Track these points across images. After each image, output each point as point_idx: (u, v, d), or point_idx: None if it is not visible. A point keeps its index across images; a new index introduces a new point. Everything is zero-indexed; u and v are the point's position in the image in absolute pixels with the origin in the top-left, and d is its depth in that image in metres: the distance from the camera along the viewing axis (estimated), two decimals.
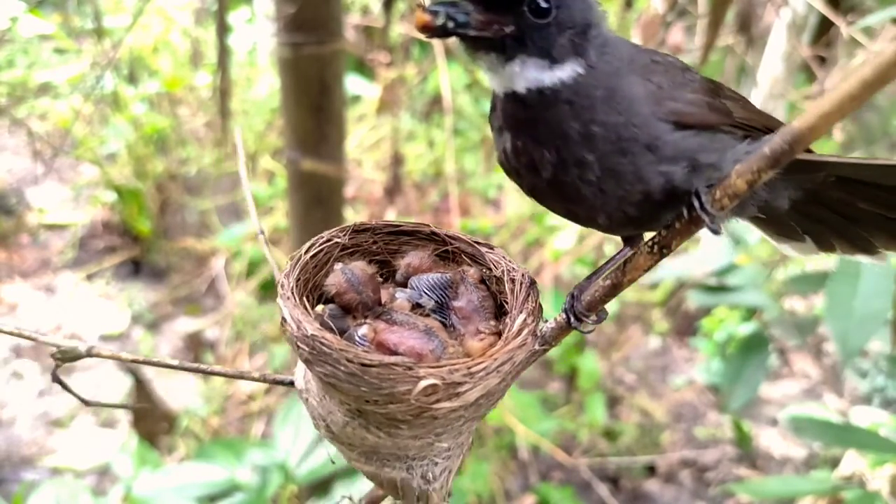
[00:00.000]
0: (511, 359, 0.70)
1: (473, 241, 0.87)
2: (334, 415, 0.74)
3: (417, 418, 0.68)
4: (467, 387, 0.67)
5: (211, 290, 3.99)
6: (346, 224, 0.88)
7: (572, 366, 3.05)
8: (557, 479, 3.07)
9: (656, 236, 0.68)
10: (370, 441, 0.72)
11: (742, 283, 2.02)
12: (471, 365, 0.67)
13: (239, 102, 4.05)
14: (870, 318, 1.54)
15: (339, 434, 0.75)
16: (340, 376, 0.66)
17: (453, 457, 0.77)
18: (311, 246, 0.83)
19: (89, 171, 4.58)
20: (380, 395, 0.66)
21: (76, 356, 0.79)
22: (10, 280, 4.14)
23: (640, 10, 3.36)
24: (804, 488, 1.86)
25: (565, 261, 3.06)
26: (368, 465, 0.76)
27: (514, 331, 0.73)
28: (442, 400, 0.66)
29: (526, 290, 0.79)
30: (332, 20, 1.92)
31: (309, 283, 0.82)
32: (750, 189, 0.59)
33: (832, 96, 0.50)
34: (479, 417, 0.75)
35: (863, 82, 0.48)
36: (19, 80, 3.76)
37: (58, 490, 1.65)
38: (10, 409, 3.27)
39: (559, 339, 0.77)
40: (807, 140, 0.53)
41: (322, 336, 0.68)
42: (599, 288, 0.73)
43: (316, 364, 0.68)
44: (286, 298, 0.73)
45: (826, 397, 3.49)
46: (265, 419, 3.00)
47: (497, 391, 0.72)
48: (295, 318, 0.71)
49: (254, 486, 1.77)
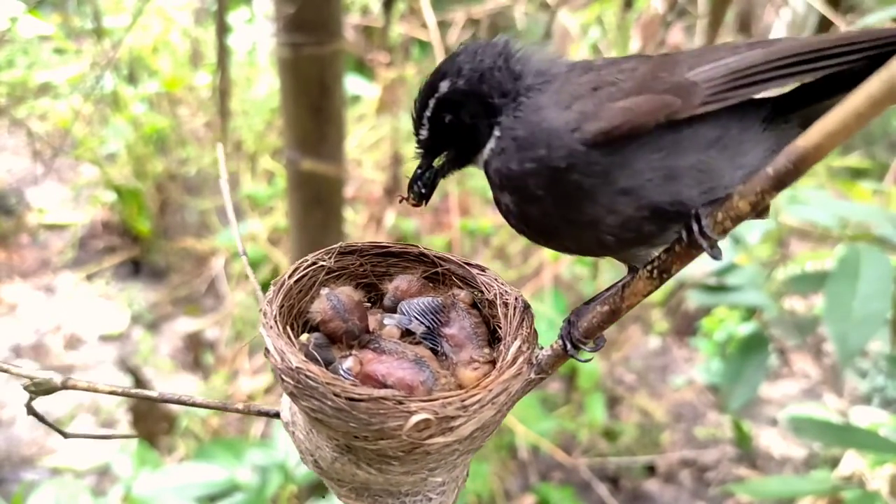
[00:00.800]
0: (506, 389, 0.68)
1: (464, 262, 0.84)
2: (322, 450, 0.71)
3: (410, 454, 0.65)
4: (461, 420, 0.64)
5: (211, 290, 3.99)
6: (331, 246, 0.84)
7: (572, 366, 3.05)
8: (557, 479, 3.07)
9: (655, 260, 0.65)
10: (361, 477, 0.69)
11: (742, 283, 2.02)
12: (465, 397, 0.65)
13: (239, 102, 4.04)
14: (869, 319, 1.54)
15: (328, 470, 0.72)
16: (328, 411, 0.63)
17: (448, 491, 0.74)
18: (294, 270, 0.80)
19: (89, 171, 4.59)
20: (369, 430, 0.63)
21: (50, 388, 0.76)
22: (10, 280, 4.14)
23: (640, 10, 3.36)
24: (804, 488, 1.85)
25: (565, 261, 3.06)
26: (360, 501, 0.73)
27: (508, 360, 0.70)
28: (435, 435, 0.63)
29: (520, 314, 0.76)
30: (332, 20, 1.92)
31: (293, 310, 0.78)
32: (754, 210, 0.55)
33: (837, 114, 0.48)
34: (474, 450, 0.72)
35: (870, 99, 0.46)
36: (19, 80, 3.76)
37: (58, 490, 1.65)
38: (10, 409, 3.27)
39: (556, 366, 0.74)
40: (812, 159, 0.50)
41: (307, 369, 0.64)
42: (597, 314, 0.70)
43: (301, 398, 0.64)
44: (269, 328, 0.70)
45: (826, 397, 3.49)
46: (265, 419, 3.00)
47: (492, 423, 0.69)
48: (278, 349, 0.67)
49: (253, 486, 1.77)
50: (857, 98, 0.46)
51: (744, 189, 0.55)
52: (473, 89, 0.71)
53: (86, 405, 3.28)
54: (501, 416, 0.70)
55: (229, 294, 3.59)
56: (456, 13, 3.79)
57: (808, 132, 0.50)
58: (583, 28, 3.67)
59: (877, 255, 1.65)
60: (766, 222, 1.99)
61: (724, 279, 2.04)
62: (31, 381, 0.77)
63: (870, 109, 0.46)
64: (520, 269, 3.17)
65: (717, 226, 0.58)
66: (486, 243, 3.41)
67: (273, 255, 3.26)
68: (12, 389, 3.33)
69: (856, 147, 4.01)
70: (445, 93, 0.72)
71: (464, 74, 0.71)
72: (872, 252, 1.65)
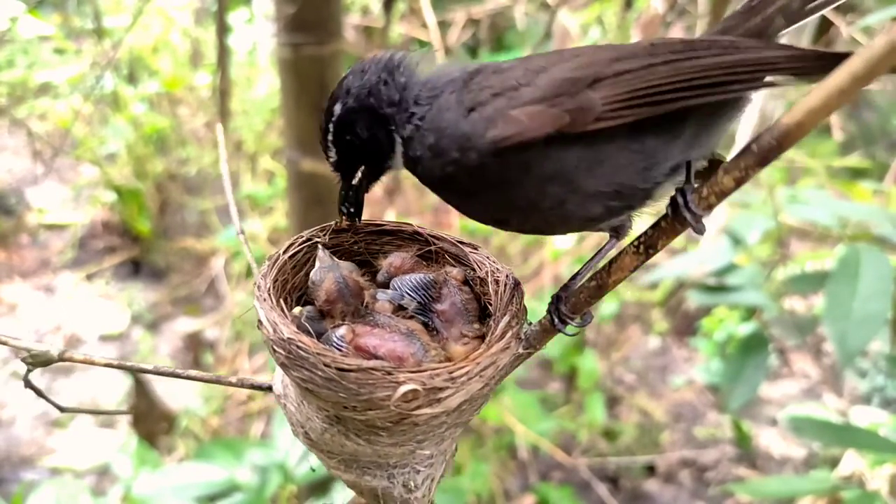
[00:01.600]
0: (494, 363, 0.68)
1: (457, 240, 0.86)
2: (312, 421, 0.72)
3: (398, 425, 0.66)
4: (449, 392, 0.65)
5: (210, 291, 3.99)
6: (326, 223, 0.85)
7: (572, 365, 3.05)
8: (557, 478, 3.07)
9: (642, 236, 0.65)
10: (349, 448, 0.70)
11: (742, 283, 2.02)
12: (452, 369, 0.65)
13: (239, 102, 4.05)
14: (869, 319, 1.54)
15: (318, 441, 0.72)
16: (318, 381, 0.64)
17: (436, 464, 0.75)
18: (289, 246, 0.81)
19: (89, 171, 4.59)
20: (358, 400, 0.63)
21: (47, 360, 0.77)
22: (10, 280, 4.14)
23: (640, 10, 3.36)
24: (804, 488, 1.85)
25: (565, 261, 3.07)
26: (348, 473, 0.73)
27: (497, 334, 0.71)
28: (423, 406, 0.64)
29: (510, 291, 0.76)
30: (332, 20, 1.92)
31: (287, 285, 0.80)
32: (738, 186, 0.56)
33: (820, 91, 0.48)
34: (462, 423, 0.73)
35: (852, 76, 0.46)
36: (19, 80, 3.76)
37: (57, 490, 1.65)
38: (10, 409, 3.26)
39: (544, 341, 0.74)
40: (795, 136, 0.51)
41: (299, 339, 0.65)
42: (584, 289, 0.70)
43: (292, 368, 0.66)
44: (262, 300, 0.71)
45: (826, 397, 3.49)
46: (265, 419, 3.00)
47: (480, 396, 0.70)
48: (271, 321, 0.68)
49: (253, 486, 1.77)
50: (840, 76, 0.47)
51: (728, 165, 0.56)
52: (363, 104, 0.74)
53: (85, 405, 3.28)
54: (490, 390, 0.71)
55: (229, 294, 3.59)
56: (456, 13, 3.79)
57: (791, 109, 0.51)
58: (583, 28, 3.67)
59: (877, 255, 1.65)
60: (766, 222, 1.99)
61: (724, 279, 2.04)
62: (28, 353, 0.78)
63: (851, 86, 0.46)
64: (520, 268, 3.17)
65: (701, 201, 0.59)
66: (485, 243, 3.41)
67: (270, 253, 3.26)
68: (12, 389, 3.33)
69: (856, 147, 4.01)
70: (340, 114, 0.76)
71: (352, 93, 0.75)
72: (872, 252, 1.65)
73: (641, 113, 0.60)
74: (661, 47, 0.65)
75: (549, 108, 0.62)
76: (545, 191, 0.65)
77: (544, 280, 2.93)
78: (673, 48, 0.64)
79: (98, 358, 0.81)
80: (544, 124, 0.61)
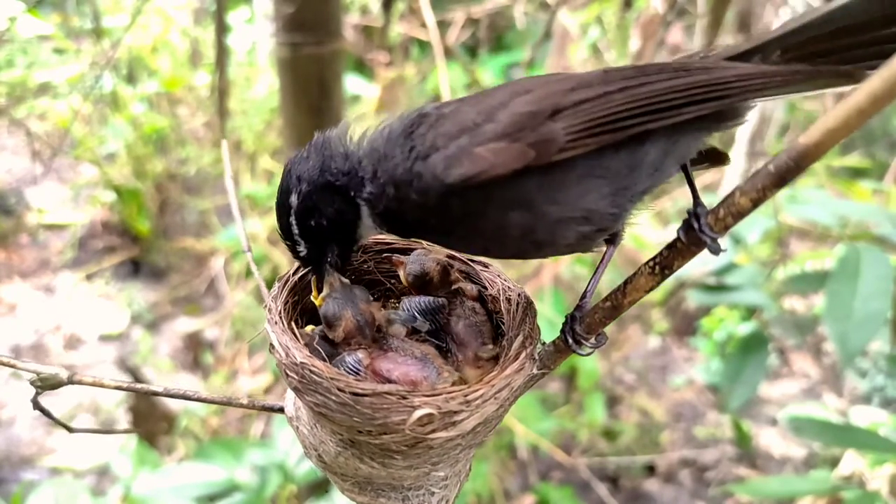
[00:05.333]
0: (509, 384, 0.68)
1: (468, 259, 0.85)
2: (326, 444, 0.71)
3: (413, 448, 0.65)
4: (464, 415, 0.64)
5: (210, 290, 3.99)
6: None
7: (572, 365, 3.05)
8: (557, 478, 3.07)
9: (657, 256, 0.65)
10: (364, 471, 0.70)
11: (742, 283, 2.02)
12: (467, 392, 0.65)
13: (238, 102, 4.04)
14: (869, 319, 1.54)
15: (332, 464, 0.72)
16: (332, 406, 0.63)
17: (450, 485, 0.74)
18: (299, 266, 0.81)
19: (89, 171, 4.58)
20: (373, 425, 0.63)
21: (57, 383, 0.76)
22: (10, 280, 4.14)
23: (640, 10, 3.36)
24: (804, 488, 1.86)
25: (565, 260, 3.06)
26: (362, 495, 0.73)
27: (511, 355, 0.71)
28: (438, 429, 0.63)
29: (523, 310, 0.76)
30: (332, 20, 1.92)
31: (298, 306, 0.79)
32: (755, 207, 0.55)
33: (839, 111, 0.47)
34: (476, 445, 0.73)
35: (871, 96, 0.45)
36: (19, 80, 3.76)
37: (57, 490, 1.65)
38: (10, 409, 3.26)
39: (558, 362, 0.74)
40: (813, 156, 0.50)
41: (312, 364, 0.65)
42: (599, 310, 0.70)
43: (306, 393, 0.65)
44: (273, 323, 0.71)
45: (826, 397, 3.49)
46: (264, 419, 3.00)
47: (495, 418, 0.69)
48: (283, 345, 0.68)
49: (253, 486, 1.77)
50: (859, 95, 0.46)
51: (745, 186, 0.55)
52: (318, 184, 0.74)
53: (85, 405, 3.28)
54: (504, 411, 0.70)
55: (229, 294, 3.59)
56: (456, 13, 3.79)
57: (809, 129, 0.50)
58: (583, 28, 3.67)
59: (877, 254, 1.65)
60: (766, 222, 1.99)
61: (724, 279, 2.04)
62: (37, 375, 0.77)
63: (871, 106, 0.45)
64: (520, 269, 3.17)
65: (718, 222, 0.58)
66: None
67: (273, 254, 3.26)
68: (12, 389, 3.33)
69: (856, 147, 4.01)
70: (298, 204, 0.75)
71: (304, 178, 0.74)
72: (872, 252, 1.65)
73: (603, 140, 0.62)
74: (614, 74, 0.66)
75: (513, 143, 0.62)
76: (508, 219, 0.65)
77: (544, 280, 2.93)
78: (625, 74, 0.65)
79: (108, 381, 0.80)
80: (510, 160, 0.61)
